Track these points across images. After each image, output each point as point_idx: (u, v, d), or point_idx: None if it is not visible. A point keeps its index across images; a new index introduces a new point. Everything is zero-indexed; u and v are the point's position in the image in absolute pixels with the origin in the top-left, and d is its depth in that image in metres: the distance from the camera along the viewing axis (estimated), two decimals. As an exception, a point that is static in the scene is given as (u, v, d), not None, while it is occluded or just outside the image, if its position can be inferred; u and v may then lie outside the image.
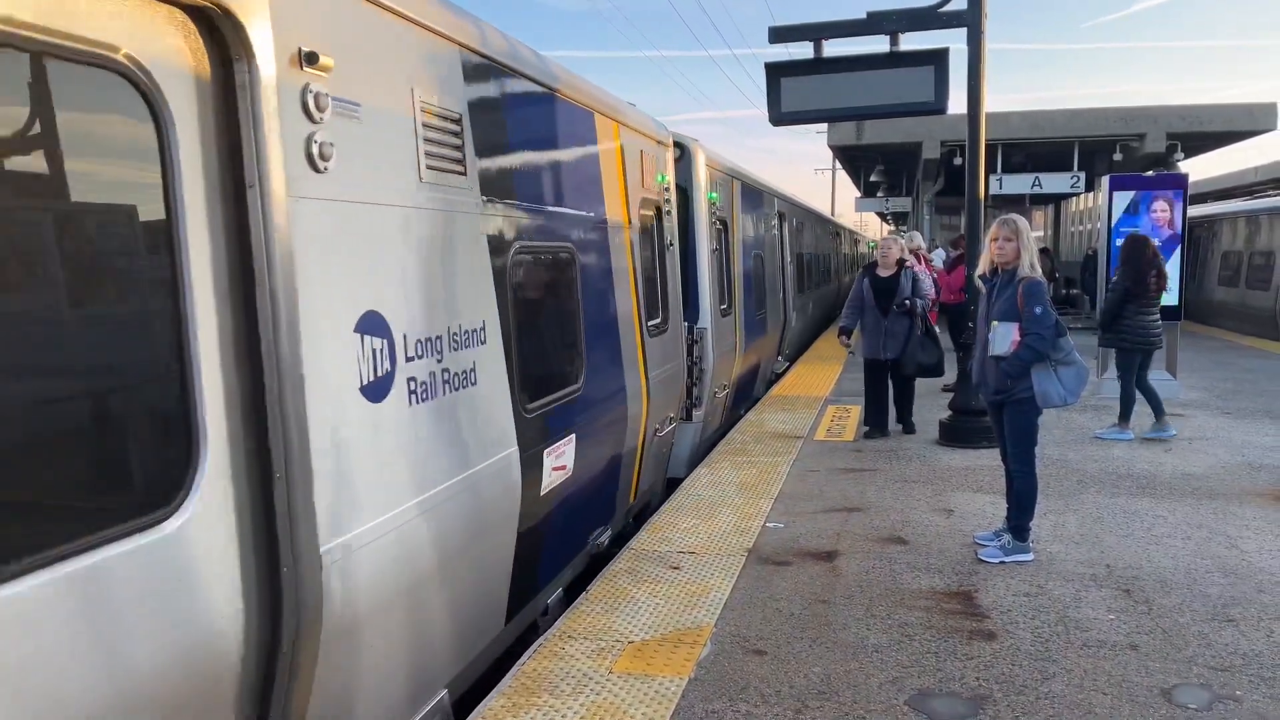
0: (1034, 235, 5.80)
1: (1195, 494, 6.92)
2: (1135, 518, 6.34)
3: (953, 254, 13.20)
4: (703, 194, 8.93)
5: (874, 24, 8.57)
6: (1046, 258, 18.99)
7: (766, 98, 9.01)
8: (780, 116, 9.03)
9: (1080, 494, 6.95)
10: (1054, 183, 19.87)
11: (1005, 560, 5.49)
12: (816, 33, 8.78)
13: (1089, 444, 8.65)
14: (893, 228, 36.63)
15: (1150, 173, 16.46)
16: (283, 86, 2.75)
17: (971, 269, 7.90)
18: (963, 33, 8.31)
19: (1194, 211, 17.70)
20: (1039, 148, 19.78)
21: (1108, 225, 11.21)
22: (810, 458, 8.28)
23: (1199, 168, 37.43)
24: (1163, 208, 11.02)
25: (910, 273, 8.87)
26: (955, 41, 8.42)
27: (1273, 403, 10.75)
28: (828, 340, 18.52)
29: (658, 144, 7.36)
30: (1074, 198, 25.49)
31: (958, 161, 16.92)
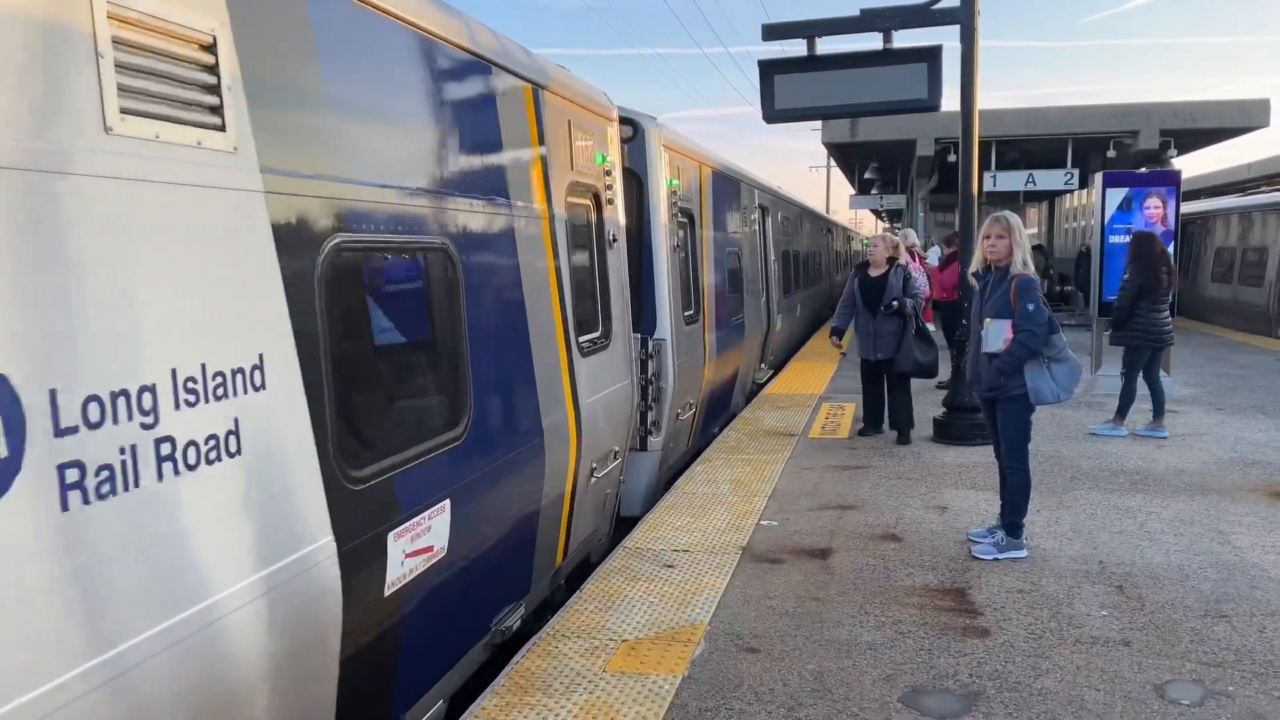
0: (1028, 232, 5.79)
1: (1188, 490, 6.94)
2: (1128, 514, 6.36)
3: (946, 251, 13.22)
4: (660, 180, 7.74)
5: (867, 21, 8.58)
6: (1041, 254, 19.05)
7: (760, 95, 9.02)
8: (774, 114, 9.04)
9: (1073, 490, 6.97)
10: (1048, 180, 19.87)
11: (999, 557, 5.50)
12: (810, 30, 8.79)
13: (1082, 440, 8.67)
14: (887, 225, 36.66)
15: (1144, 169, 16.49)
16: None
17: (965, 266, 7.91)
18: (956, 30, 8.32)
19: (1187, 208, 17.74)
20: (1033, 145, 19.78)
21: (1101, 222, 11.24)
22: (804, 455, 8.29)
23: (1192, 165, 37.52)
24: (1156, 204, 11.03)
25: (901, 271, 8.80)
26: (949, 39, 8.43)
27: (1266, 399, 10.79)
28: (822, 339, 18.53)
29: (595, 116, 5.99)
30: (1068, 194, 25.53)
31: (952, 159, 16.93)
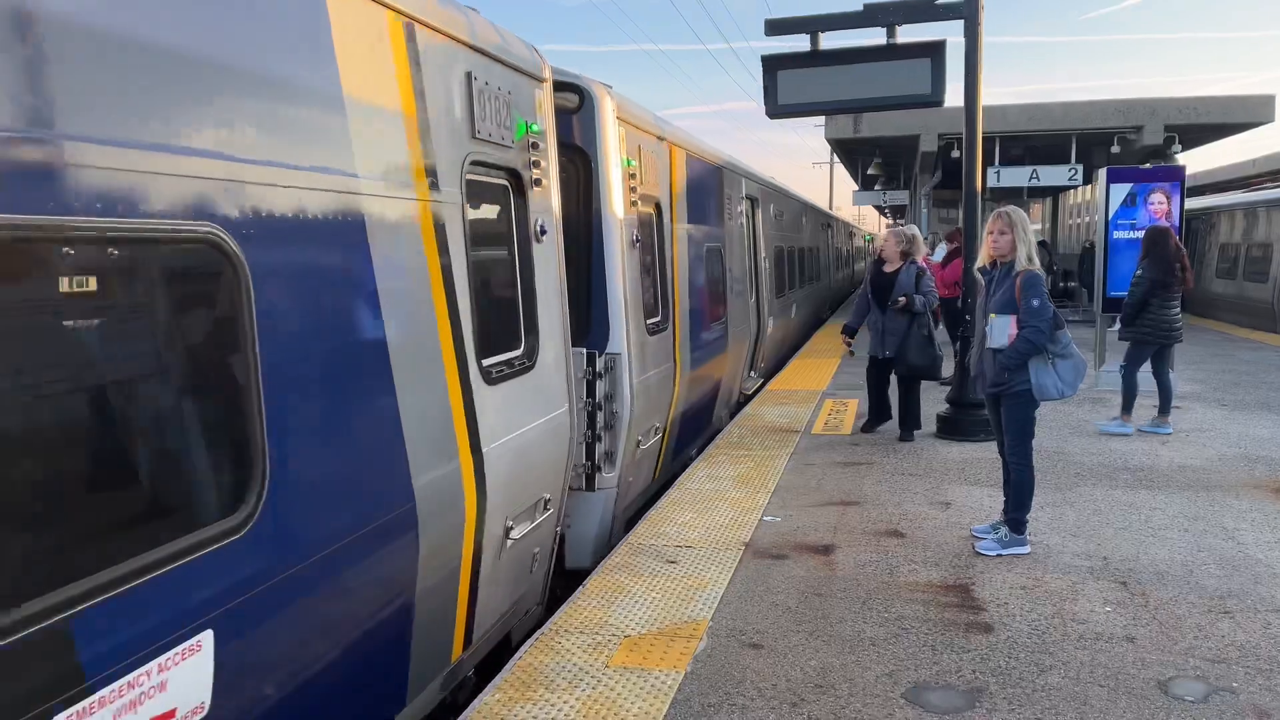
0: (1032, 228, 5.77)
1: (1193, 486, 6.92)
2: (1132, 510, 6.34)
3: (949, 248, 13.19)
4: (613, 160, 6.35)
5: (871, 16, 8.57)
6: (1044, 250, 18.98)
7: (763, 91, 9.01)
8: (777, 109, 9.03)
9: (1077, 486, 6.95)
10: (1051, 175, 19.84)
11: (1002, 553, 5.49)
12: (813, 25, 8.78)
13: (1087, 436, 8.65)
14: (890, 221, 36.62)
15: (1148, 165, 16.44)
16: None
17: (969, 262, 7.88)
18: (960, 25, 8.30)
19: (1191, 204, 17.68)
20: (1036, 140, 19.75)
21: (1105, 218, 11.22)
22: (807, 451, 8.28)
23: (1196, 160, 37.45)
24: (1160, 200, 11.00)
25: (914, 268, 8.65)
26: (952, 34, 8.42)
27: (1270, 395, 10.76)
28: (823, 336, 18.52)
29: (515, 73, 4.70)
30: (1072, 190, 25.48)
31: (955, 154, 16.88)
